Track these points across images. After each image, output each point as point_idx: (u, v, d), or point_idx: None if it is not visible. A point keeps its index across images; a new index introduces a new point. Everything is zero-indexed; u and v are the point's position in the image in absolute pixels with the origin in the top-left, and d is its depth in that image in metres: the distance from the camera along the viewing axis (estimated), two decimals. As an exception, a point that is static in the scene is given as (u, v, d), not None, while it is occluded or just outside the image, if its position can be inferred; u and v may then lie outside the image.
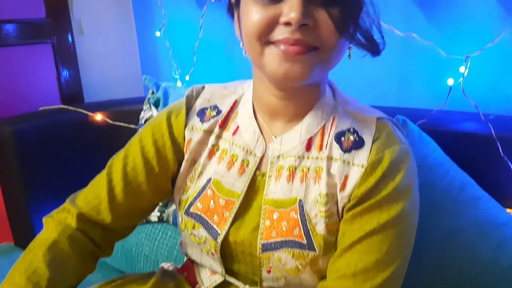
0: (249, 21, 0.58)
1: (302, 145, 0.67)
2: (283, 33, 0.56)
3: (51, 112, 1.46)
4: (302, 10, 0.54)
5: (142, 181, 0.73)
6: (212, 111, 0.74)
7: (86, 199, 0.73)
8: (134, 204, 0.74)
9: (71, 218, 0.72)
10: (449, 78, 1.00)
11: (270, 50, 0.58)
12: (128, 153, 0.74)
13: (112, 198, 0.72)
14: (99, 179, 0.75)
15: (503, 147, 0.89)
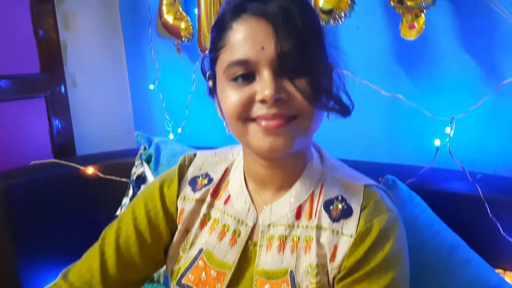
0: (228, 104, 0.61)
1: (292, 214, 0.68)
2: (261, 109, 0.59)
3: (43, 166, 1.46)
4: (274, 86, 0.58)
5: (134, 253, 0.73)
6: (204, 179, 0.76)
7: (78, 273, 0.73)
8: (126, 276, 0.74)
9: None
10: (436, 139, 1.03)
11: (252, 127, 0.61)
12: (121, 225, 0.75)
13: (105, 271, 0.72)
14: (92, 252, 0.74)
15: (491, 208, 0.91)
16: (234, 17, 0.61)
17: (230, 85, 0.61)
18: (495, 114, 1.03)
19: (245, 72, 0.60)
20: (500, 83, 0.95)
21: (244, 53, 0.59)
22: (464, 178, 0.98)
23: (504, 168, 1.05)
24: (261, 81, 0.59)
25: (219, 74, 0.64)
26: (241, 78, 0.60)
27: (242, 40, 0.60)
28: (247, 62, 0.59)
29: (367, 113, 1.20)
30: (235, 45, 0.60)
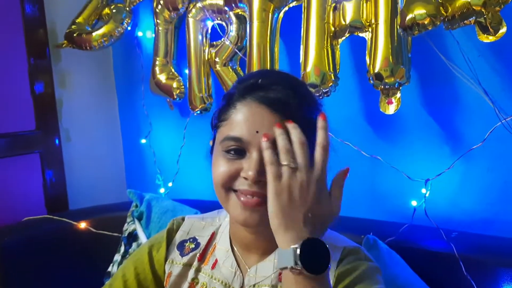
0: (217, 171, 0.69)
1: (275, 275, 0.73)
2: (243, 184, 0.67)
3: (36, 222, 1.49)
4: (258, 169, 0.65)
5: None
6: (191, 244, 0.81)
7: None
8: None
9: None
10: (413, 200, 1.10)
11: (233, 198, 0.68)
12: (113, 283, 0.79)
13: None
14: None
15: (465, 266, 0.96)
16: (239, 97, 0.69)
17: (223, 155, 0.68)
18: (467, 176, 1.11)
19: (237, 147, 0.67)
20: (468, 149, 1.03)
21: (240, 133, 0.67)
22: (440, 236, 1.04)
23: (479, 224, 1.12)
24: (249, 160, 0.66)
25: (217, 142, 0.71)
26: (234, 152, 0.67)
27: (241, 121, 0.67)
28: (241, 141, 0.66)
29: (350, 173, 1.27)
30: (234, 123, 0.68)
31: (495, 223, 1.09)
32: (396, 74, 1.05)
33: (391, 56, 1.04)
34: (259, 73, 0.77)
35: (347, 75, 1.24)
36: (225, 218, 0.82)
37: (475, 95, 1.05)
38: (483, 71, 1.04)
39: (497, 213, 1.09)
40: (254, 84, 0.69)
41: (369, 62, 1.08)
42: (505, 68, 1.04)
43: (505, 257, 0.96)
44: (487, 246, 1.02)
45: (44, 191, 1.66)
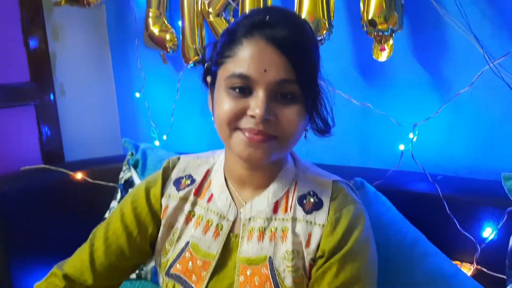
0: (221, 109, 0.70)
1: (270, 208, 0.77)
2: (249, 123, 0.68)
3: (33, 172, 1.52)
4: (265, 108, 0.66)
5: (122, 243, 0.81)
6: (187, 180, 0.84)
7: (70, 263, 0.81)
8: (114, 264, 0.81)
9: (58, 280, 0.79)
10: (400, 144, 1.12)
11: (237, 135, 0.70)
12: (109, 222, 0.83)
13: (93, 260, 0.80)
14: (83, 246, 0.83)
15: (449, 206, 1.00)
16: (246, 34, 0.69)
17: (227, 92, 0.69)
18: (454, 121, 1.13)
19: (243, 85, 0.68)
20: (455, 94, 1.05)
21: (247, 70, 0.67)
22: (426, 180, 1.08)
23: (465, 170, 1.15)
24: (255, 99, 0.67)
25: (220, 79, 0.71)
26: (238, 90, 0.68)
27: (248, 59, 0.67)
28: (248, 78, 0.67)
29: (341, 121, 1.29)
30: (241, 60, 0.68)
31: (480, 168, 1.13)
32: (389, 21, 1.06)
33: (384, 2, 1.05)
34: (265, 10, 0.76)
35: (340, 24, 1.24)
36: (219, 156, 0.86)
37: (465, 41, 1.06)
38: (474, 16, 1.04)
39: (482, 158, 1.12)
40: (262, 20, 0.68)
41: (363, 9, 1.09)
42: (496, 14, 1.05)
43: (487, 197, 1.00)
44: (470, 188, 1.05)
45: (40, 143, 1.68)
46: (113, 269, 0.82)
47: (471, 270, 0.99)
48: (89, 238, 0.83)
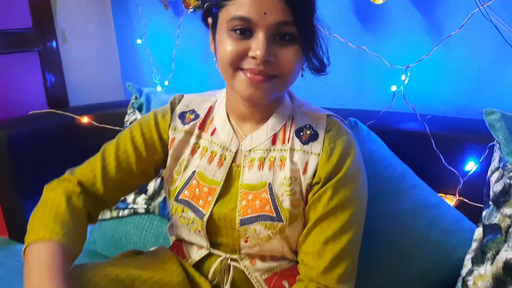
0: (224, 51, 0.75)
1: (269, 140, 0.84)
2: (250, 64, 0.73)
3: (40, 116, 1.57)
4: (266, 49, 0.71)
5: (132, 162, 0.87)
6: (191, 115, 0.90)
7: (82, 172, 0.86)
8: (123, 179, 0.88)
9: (73, 186, 0.84)
10: (393, 85, 1.18)
11: (239, 75, 0.75)
12: (119, 141, 0.89)
13: (105, 173, 0.86)
14: (94, 159, 0.88)
15: (436, 143, 1.07)
16: None
17: (229, 34, 0.74)
18: (444, 63, 1.18)
19: (244, 27, 0.72)
20: (446, 36, 1.09)
21: (248, 13, 0.71)
22: (416, 119, 1.14)
23: (453, 110, 1.22)
24: (256, 41, 0.72)
25: (221, 21, 0.75)
26: (239, 32, 0.73)
27: (249, 1, 0.71)
28: (248, 21, 0.71)
29: (337, 65, 1.34)
30: (241, 3, 0.71)
31: (467, 108, 1.19)
32: (384, -36, 1.08)
33: None
34: None
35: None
36: (221, 94, 0.92)
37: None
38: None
39: (470, 99, 1.18)
40: None
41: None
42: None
43: (471, 134, 1.06)
44: (456, 126, 1.12)
45: (45, 91, 1.73)
46: (120, 184, 0.88)
47: (454, 201, 1.08)
48: (99, 154, 0.88)
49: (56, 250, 0.71)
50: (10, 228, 1.55)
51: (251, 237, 0.82)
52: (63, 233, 0.73)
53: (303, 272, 0.81)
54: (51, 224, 0.74)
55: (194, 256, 0.90)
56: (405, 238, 0.99)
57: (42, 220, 0.76)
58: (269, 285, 0.86)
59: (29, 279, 0.67)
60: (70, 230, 0.75)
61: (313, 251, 0.79)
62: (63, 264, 0.70)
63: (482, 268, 0.85)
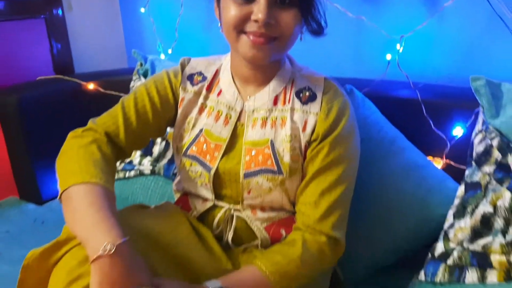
0: (228, 16, 0.81)
1: (270, 101, 0.92)
2: (253, 27, 0.79)
3: (48, 82, 1.63)
4: (267, 12, 0.77)
5: (149, 117, 0.93)
6: (199, 77, 0.97)
7: (105, 124, 0.91)
8: (141, 132, 0.94)
9: (99, 135, 0.89)
10: (388, 54, 1.23)
11: (243, 38, 0.81)
12: (137, 96, 0.94)
13: (127, 125, 0.91)
14: (114, 111, 0.93)
15: (426, 109, 1.14)
16: None
17: (233, 1, 0.80)
18: (438, 34, 1.24)
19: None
20: (441, 7, 1.15)
21: None
22: (409, 87, 1.20)
23: (444, 79, 1.28)
24: (258, 5, 0.78)
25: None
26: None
27: None
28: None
29: (336, 34, 1.39)
30: None
31: (458, 77, 1.25)
32: None
33: None
34: None
35: None
36: (226, 58, 0.98)
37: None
38: None
39: (461, 68, 1.24)
40: None
41: None
42: None
43: (460, 101, 1.13)
44: (447, 94, 1.18)
45: (52, 58, 1.78)
46: (139, 137, 0.94)
47: (441, 163, 1.15)
48: (119, 107, 0.93)
49: (104, 192, 0.75)
50: (20, 188, 1.62)
51: (253, 189, 0.90)
52: (105, 179, 0.78)
53: (300, 220, 0.89)
54: (92, 169, 0.78)
55: (199, 208, 0.98)
56: (394, 196, 1.07)
57: (81, 164, 0.79)
58: (268, 233, 0.94)
59: (79, 219, 0.72)
60: (108, 177, 0.80)
61: (310, 201, 0.87)
62: (113, 206, 0.75)
63: (463, 221, 0.93)
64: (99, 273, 0.67)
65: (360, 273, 1.12)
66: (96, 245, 0.68)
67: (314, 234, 0.87)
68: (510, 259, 0.83)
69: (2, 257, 1.25)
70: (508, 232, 0.85)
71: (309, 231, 0.87)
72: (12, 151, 1.56)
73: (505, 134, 0.89)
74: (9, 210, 1.53)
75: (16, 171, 1.59)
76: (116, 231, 0.70)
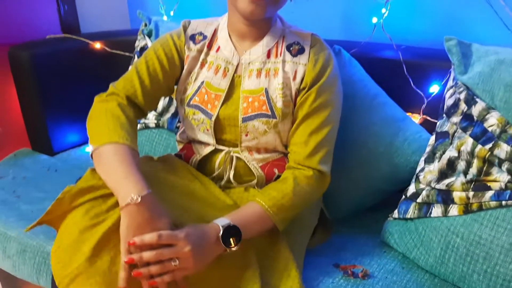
0: None
1: (264, 55, 1.04)
2: None
3: (58, 40, 1.72)
4: None
5: (160, 78, 1.05)
6: (200, 36, 1.08)
7: (124, 88, 1.03)
8: (155, 93, 1.07)
9: (122, 99, 1.01)
10: (374, 17, 1.35)
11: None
12: (147, 60, 1.06)
13: (144, 87, 1.04)
14: (130, 75, 1.04)
15: (407, 69, 1.26)
16: None
17: None
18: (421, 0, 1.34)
19: None
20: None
21: None
22: (392, 49, 1.32)
23: (426, 42, 1.39)
24: None
25: None
26: None
27: None
28: None
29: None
30: None
31: (437, 40, 1.36)
32: None
33: None
34: None
35: None
36: (223, 19, 1.09)
37: None
38: None
39: (440, 32, 1.35)
40: None
41: None
42: None
43: (438, 61, 1.25)
44: (426, 55, 1.30)
45: (59, 16, 1.86)
46: (154, 97, 1.07)
47: (419, 118, 1.28)
48: (133, 71, 1.04)
49: (130, 151, 0.89)
50: (32, 140, 1.74)
51: (250, 131, 1.03)
52: (130, 140, 0.91)
53: (292, 158, 1.03)
54: (119, 131, 0.91)
55: (202, 152, 1.10)
56: (374, 145, 1.20)
57: (110, 126, 0.92)
58: (263, 171, 1.07)
59: (111, 173, 0.85)
60: (133, 138, 0.94)
61: (300, 141, 1.01)
62: (138, 163, 0.88)
63: (432, 165, 1.07)
64: (128, 218, 0.80)
65: (343, 213, 1.26)
66: (125, 195, 0.81)
67: (304, 169, 1.01)
68: (469, 195, 0.97)
69: (22, 199, 1.39)
70: (468, 172, 0.99)
71: (299, 167, 1.01)
72: (25, 105, 1.67)
73: (471, 88, 1.02)
74: (23, 159, 1.66)
75: (28, 124, 1.71)
76: (142, 184, 0.83)
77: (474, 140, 0.98)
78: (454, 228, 0.98)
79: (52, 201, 0.86)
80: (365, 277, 1.01)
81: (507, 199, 0.92)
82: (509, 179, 0.93)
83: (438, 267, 1.02)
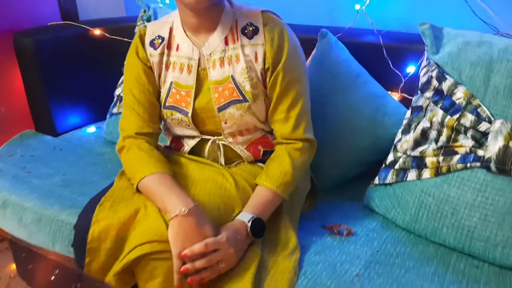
0: None
1: (222, 43, 1.06)
2: None
3: (59, 26, 1.81)
4: None
5: (148, 95, 1.11)
6: (158, 40, 1.11)
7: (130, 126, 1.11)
8: (154, 110, 1.12)
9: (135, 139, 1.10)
10: (356, 4, 1.47)
11: None
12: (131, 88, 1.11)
13: (143, 115, 1.10)
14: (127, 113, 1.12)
15: (386, 51, 1.39)
16: None
17: None
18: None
19: None
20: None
21: None
22: (373, 34, 1.45)
23: (406, 27, 1.52)
24: None
25: None
26: None
27: None
28: None
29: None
30: None
31: (414, 24, 1.49)
32: None
33: None
34: None
35: None
36: (174, 15, 1.11)
37: None
38: None
39: (418, 18, 1.46)
40: None
41: None
42: None
43: (414, 45, 1.37)
44: (403, 39, 1.43)
45: (58, 4, 1.94)
46: (154, 115, 1.13)
47: (397, 96, 1.42)
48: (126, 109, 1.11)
49: (168, 176, 1.02)
50: (36, 122, 1.84)
51: (228, 119, 1.08)
52: (162, 166, 1.04)
53: (278, 135, 1.12)
54: (152, 163, 1.03)
55: (190, 143, 1.17)
56: (357, 119, 1.33)
57: (143, 162, 1.04)
58: (249, 151, 1.16)
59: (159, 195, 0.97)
60: (164, 164, 1.05)
61: (280, 118, 1.09)
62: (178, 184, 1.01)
63: (408, 136, 1.20)
64: (176, 227, 0.91)
65: (329, 183, 1.39)
66: (173, 208, 0.93)
67: (293, 143, 1.11)
68: (439, 159, 1.11)
69: (32, 174, 1.49)
70: (439, 140, 1.12)
71: (288, 142, 1.11)
72: (29, 88, 1.76)
73: (441, 66, 1.15)
74: (28, 140, 1.75)
75: (32, 106, 1.80)
76: (187, 198, 0.96)
77: (444, 112, 1.11)
78: (427, 189, 1.12)
79: (60, 176, 0.95)
80: (349, 234, 1.14)
81: (471, 162, 1.06)
82: (473, 144, 1.06)
83: (413, 224, 1.15)
